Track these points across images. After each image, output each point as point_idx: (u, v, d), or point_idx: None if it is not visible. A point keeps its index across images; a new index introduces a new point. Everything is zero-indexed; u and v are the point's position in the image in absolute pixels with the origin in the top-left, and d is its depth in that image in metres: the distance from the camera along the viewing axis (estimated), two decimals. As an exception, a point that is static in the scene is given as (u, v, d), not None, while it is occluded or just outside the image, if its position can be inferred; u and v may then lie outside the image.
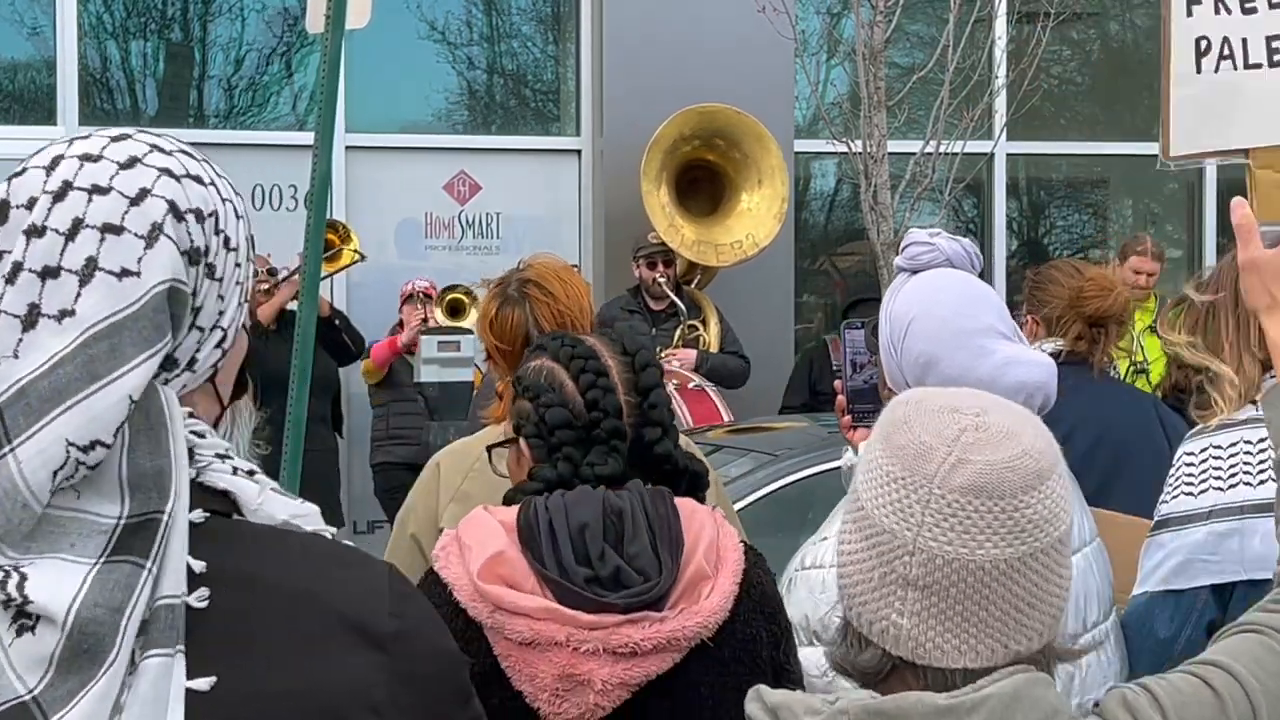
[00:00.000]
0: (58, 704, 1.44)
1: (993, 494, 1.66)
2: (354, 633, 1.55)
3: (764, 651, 2.52)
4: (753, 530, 4.82)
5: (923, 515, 1.67)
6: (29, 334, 1.47)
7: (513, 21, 10.58)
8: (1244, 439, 2.97)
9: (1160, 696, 1.72)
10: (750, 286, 9.66)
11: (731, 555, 2.51)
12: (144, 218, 1.52)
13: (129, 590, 1.46)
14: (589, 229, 10.25)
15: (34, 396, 1.46)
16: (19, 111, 9.89)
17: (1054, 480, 1.70)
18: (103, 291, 1.49)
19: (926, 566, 1.66)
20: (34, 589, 1.45)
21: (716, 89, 9.47)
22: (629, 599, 2.40)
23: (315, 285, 5.12)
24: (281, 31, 10.13)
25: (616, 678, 2.38)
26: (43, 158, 1.55)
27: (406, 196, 10.10)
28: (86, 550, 1.47)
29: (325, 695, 1.52)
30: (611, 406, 2.55)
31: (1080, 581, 2.77)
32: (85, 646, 1.45)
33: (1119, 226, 11.63)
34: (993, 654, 1.67)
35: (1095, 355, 4.46)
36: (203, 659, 1.48)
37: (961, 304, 2.81)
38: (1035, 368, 2.77)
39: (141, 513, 1.49)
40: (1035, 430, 1.74)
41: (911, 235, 2.91)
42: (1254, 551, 2.85)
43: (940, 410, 1.72)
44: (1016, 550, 1.66)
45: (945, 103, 8.54)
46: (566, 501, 2.46)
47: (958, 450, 1.68)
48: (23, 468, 1.45)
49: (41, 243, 1.50)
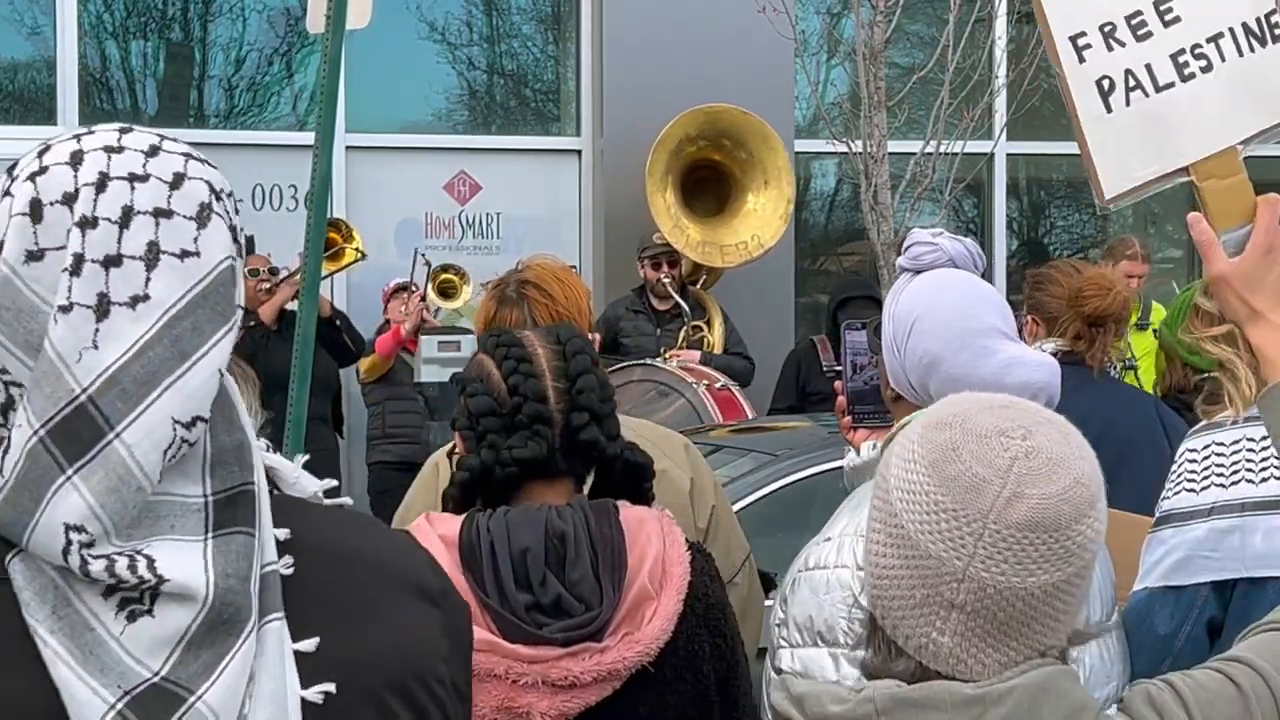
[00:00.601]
0: (197, 678, 1.46)
1: (1049, 528, 1.66)
2: (415, 592, 1.62)
3: (706, 666, 2.49)
4: (753, 530, 4.82)
5: (975, 547, 1.66)
6: (104, 323, 1.49)
7: (513, 21, 10.58)
8: (1247, 436, 2.97)
9: (1184, 693, 1.72)
10: (751, 286, 9.67)
11: (677, 570, 2.47)
12: (188, 200, 1.54)
13: (248, 560, 1.51)
14: (589, 229, 10.25)
15: (128, 381, 1.48)
16: (19, 111, 9.89)
17: (1102, 500, 1.72)
18: (171, 274, 1.51)
19: (976, 594, 1.66)
20: (165, 568, 1.47)
21: (717, 89, 9.48)
22: (569, 632, 2.38)
23: (315, 285, 5.12)
24: (281, 31, 10.14)
25: (556, 709, 2.37)
26: (59, 154, 1.55)
27: (406, 196, 10.10)
28: (188, 528, 1.50)
29: (409, 650, 1.59)
30: (532, 391, 2.53)
31: (1082, 581, 2.77)
32: (225, 617, 1.48)
33: (1119, 226, 11.63)
34: (1026, 659, 1.68)
35: (1095, 354, 4.46)
36: (297, 623, 1.53)
37: (965, 304, 2.81)
38: (1039, 368, 2.77)
39: (227, 487, 1.53)
40: (1080, 451, 1.73)
41: (914, 235, 2.90)
42: (1255, 549, 2.85)
43: (988, 435, 1.70)
44: (1064, 573, 1.67)
45: (945, 103, 8.54)
46: (509, 521, 2.44)
47: (1011, 483, 1.67)
48: (133, 451, 1.47)
49: (96, 233, 1.50)
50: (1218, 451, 2.99)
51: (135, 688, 1.45)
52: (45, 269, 1.50)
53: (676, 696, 2.45)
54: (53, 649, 1.45)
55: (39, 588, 1.47)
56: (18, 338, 1.49)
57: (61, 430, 1.47)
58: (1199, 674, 1.77)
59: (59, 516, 1.46)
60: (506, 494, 2.56)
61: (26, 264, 1.50)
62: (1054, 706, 1.64)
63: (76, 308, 1.49)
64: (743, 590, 3.40)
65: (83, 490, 1.46)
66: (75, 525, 1.46)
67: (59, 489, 1.47)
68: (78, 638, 1.46)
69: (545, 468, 2.54)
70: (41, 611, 1.46)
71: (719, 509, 3.39)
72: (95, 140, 1.56)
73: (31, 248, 1.50)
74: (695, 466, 3.40)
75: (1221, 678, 1.75)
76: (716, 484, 3.48)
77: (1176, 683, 1.74)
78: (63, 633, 1.46)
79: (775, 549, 4.05)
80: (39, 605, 1.47)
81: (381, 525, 1.78)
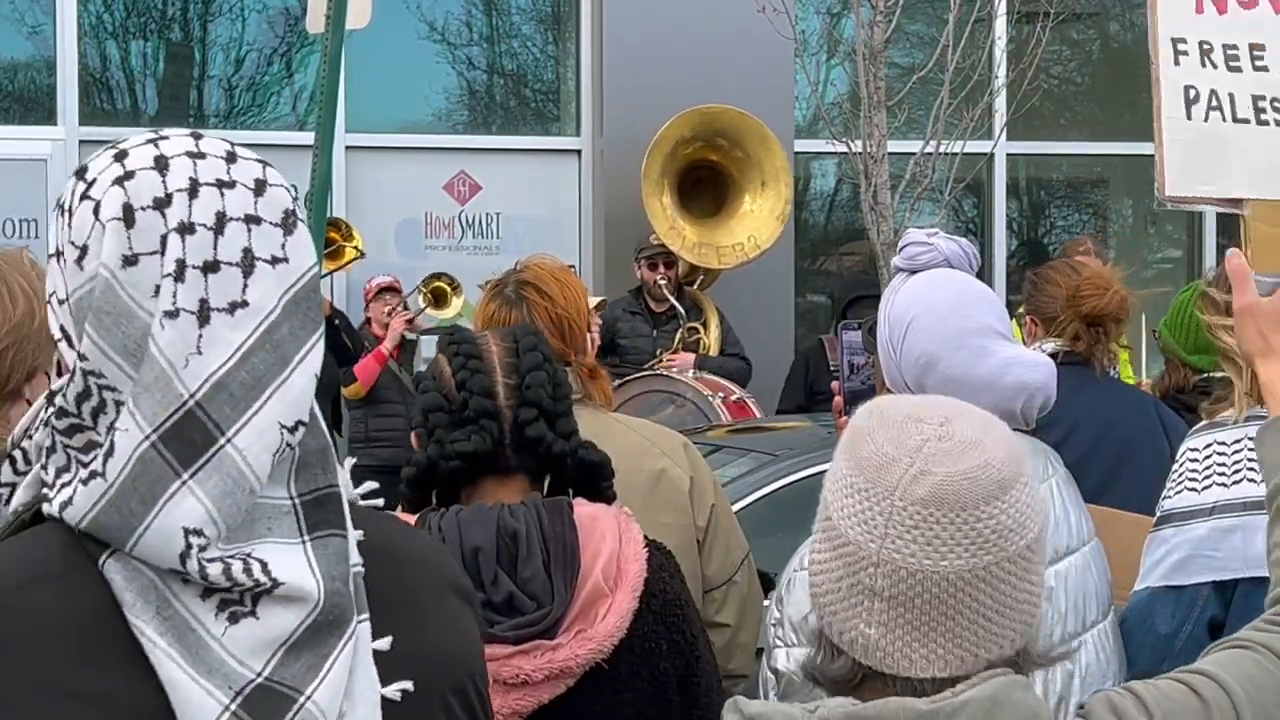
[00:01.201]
0: (304, 678, 1.48)
1: (954, 505, 1.65)
2: (456, 591, 1.67)
3: (663, 663, 2.49)
4: (752, 530, 4.82)
5: (885, 527, 1.66)
6: (206, 329, 1.51)
7: (513, 21, 10.58)
8: (1249, 435, 2.96)
9: (1147, 701, 1.72)
10: (750, 287, 9.66)
11: (633, 567, 2.46)
12: (273, 206, 1.56)
13: (345, 561, 1.53)
14: (589, 229, 10.25)
15: (235, 387, 1.50)
16: (19, 111, 9.90)
17: (1018, 489, 1.68)
18: (265, 280, 1.53)
19: (891, 578, 1.65)
20: (278, 571, 1.49)
21: (716, 89, 9.48)
22: (520, 630, 2.38)
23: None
24: (281, 31, 10.14)
25: (508, 708, 2.37)
26: (141, 159, 1.55)
27: (406, 196, 10.10)
28: (284, 531, 1.52)
29: (462, 649, 1.65)
30: (479, 386, 2.53)
31: (1079, 581, 2.77)
32: (332, 619, 1.50)
33: (1119, 226, 11.63)
34: (962, 663, 1.66)
35: (1095, 354, 4.46)
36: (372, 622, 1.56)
37: (961, 304, 2.81)
38: (1035, 368, 2.77)
39: (313, 489, 1.55)
40: (999, 439, 1.72)
41: (909, 235, 2.90)
42: (1256, 549, 2.84)
43: (904, 420, 1.71)
44: (981, 560, 1.65)
45: (945, 103, 8.54)
46: (460, 521, 2.44)
47: (919, 461, 1.67)
48: (245, 455, 1.49)
49: (194, 239, 1.52)
50: (1219, 451, 2.99)
51: (244, 688, 1.46)
52: (140, 274, 1.51)
53: (633, 694, 2.45)
54: (162, 649, 1.46)
55: (141, 588, 1.48)
56: (115, 343, 1.50)
57: (173, 435, 1.48)
58: (1163, 683, 1.76)
59: (176, 520, 1.47)
60: (458, 492, 2.56)
61: (124, 269, 1.51)
62: (1008, 717, 1.63)
63: (183, 314, 1.50)
64: (742, 589, 3.40)
65: (199, 494, 1.48)
66: (194, 529, 1.47)
67: (175, 493, 1.48)
68: (183, 639, 1.47)
69: (495, 464, 2.53)
70: (146, 612, 1.47)
71: (718, 508, 3.39)
72: (174, 145, 1.57)
73: (127, 252, 1.51)
74: (694, 465, 3.39)
75: (1185, 688, 1.74)
76: (716, 483, 3.48)
77: (1139, 690, 1.74)
78: (170, 634, 1.47)
79: (775, 549, 4.04)
80: (144, 606, 1.47)
81: (415, 528, 1.84)
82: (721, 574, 3.32)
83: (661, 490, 3.25)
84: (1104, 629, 2.82)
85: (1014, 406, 2.74)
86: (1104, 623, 2.83)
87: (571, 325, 3.31)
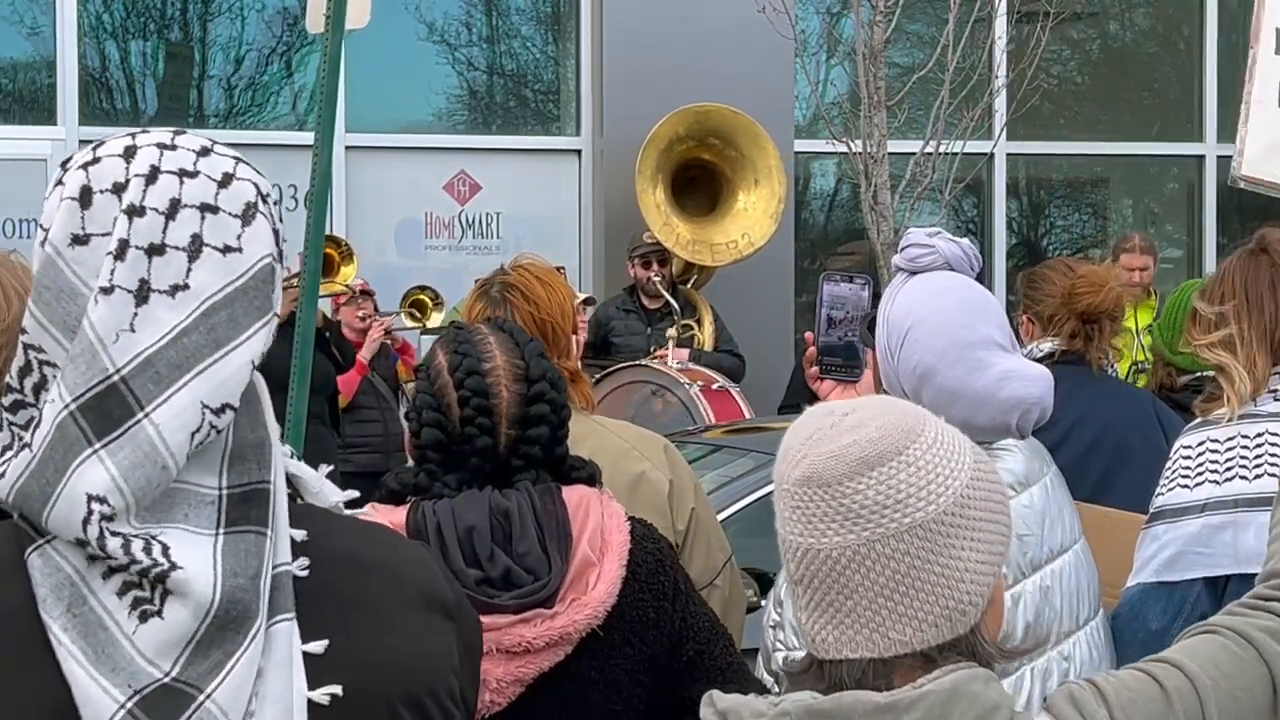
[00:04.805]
0: (206, 677, 1.48)
1: (820, 483, 1.68)
2: (431, 603, 1.65)
3: (652, 630, 2.54)
4: (753, 530, 4.82)
5: (781, 510, 1.73)
6: (143, 308, 1.52)
7: (513, 21, 10.58)
8: (1241, 433, 2.98)
9: (1107, 692, 1.72)
10: (750, 286, 9.67)
11: (616, 538, 2.53)
12: (235, 198, 1.58)
13: (259, 558, 1.53)
14: (589, 229, 10.26)
15: (162, 365, 1.51)
16: (19, 111, 9.90)
17: (891, 466, 1.68)
18: (212, 266, 1.55)
19: (795, 561, 1.70)
20: (177, 555, 1.49)
21: (716, 89, 9.48)
22: (520, 599, 2.43)
23: (315, 285, 5.13)
24: (281, 31, 10.14)
25: (511, 675, 2.42)
26: (113, 148, 1.59)
27: (406, 196, 10.11)
28: (200, 521, 1.53)
29: (423, 662, 1.62)
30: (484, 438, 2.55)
31: (1072, 579, 2.77)
32: (233, 616, 1.50)
33: (1119, 226, 11.63)
34: (873, 645, 1.67)
35: (1091, 352, 4.45)
36: (309, 624, 1.55)
37: (960, 314, 2.77)
38: (1032, 382, 2.74)
39: (243, 483, 1.55)
40: (885, 421, 1.72)
41: (911, 236, 2.86)
42: (1247, 546, 2.86)
43: (818, 413, 1.76)
44: (859, 537, 1.66)
45: (945, 103, 8.55)
46: (454, 505, 2.49)
47: (806, 447, 1.71)
48: (161, 430, 1.50)
49: (143, 221, 1.54)
50: (1212, 448, 3.00)
51: (145, 687, 1.47)
52: (89, 254, 1.53)
53: (626, 661, 2.51)
54: (66, 647, 1.47)
55: (55, 584, 1.49)
56: (56, 318, 1.53)
57: (92, 406, 1.50)
58: (1124, 674, 1.77)
59: (83, 486, 1.48)
60: None
61: (71, 247, 1.54)
62: (965, 709, 1.63)
63: (118, 290, 1.52)
64: (724, 592, 3.38)
65: (108, 464, 1.49)
66: (98, 496, 1.48)
67: (85, 460, 1.49)
68: (91, 636, 1.48)
69: None
70: (57, 608, 1.48)
71: (699, 510, 3.36)
72: (149, 138, 1.60)
73: (78, 231, 1.54)
74: (675, 468, 3.37)
75: (1146, 678, 1.74)
76: (697, 486, 3.45)
77: (1099, 682, 1.74)
78: (76, 630, 1.48)
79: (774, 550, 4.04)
80: (55, 602, 1.48)
81: (398, 536, 1.81)
82: (703, 577, 3.30)
83: (641, 493, 3.24)
84: (1095, 626, 2.82)
85: (1010, 420, 2.72)
86: (1095, 620, 2.83)
87: (555, 329, 3.29)
